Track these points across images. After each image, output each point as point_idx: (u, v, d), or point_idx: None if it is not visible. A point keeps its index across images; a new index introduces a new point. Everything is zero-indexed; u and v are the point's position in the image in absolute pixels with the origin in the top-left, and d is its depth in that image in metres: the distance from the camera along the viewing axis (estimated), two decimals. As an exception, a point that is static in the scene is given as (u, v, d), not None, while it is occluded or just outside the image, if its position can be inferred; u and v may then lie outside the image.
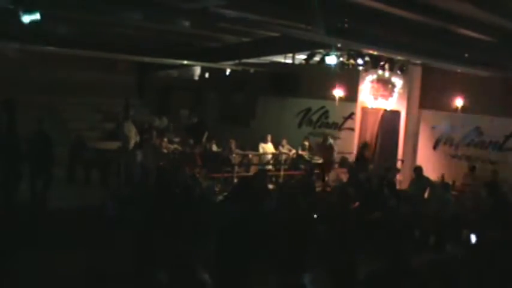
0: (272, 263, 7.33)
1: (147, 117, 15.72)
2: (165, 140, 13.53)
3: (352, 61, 12.91)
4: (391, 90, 13.93)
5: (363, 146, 13.41)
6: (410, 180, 11.82)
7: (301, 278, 6.64)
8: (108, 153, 12.17)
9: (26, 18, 7.47)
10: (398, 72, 13.48)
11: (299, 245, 7.48)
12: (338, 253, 7.49)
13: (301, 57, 15.63)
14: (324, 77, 13.89)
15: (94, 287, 6.53)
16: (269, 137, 14.41)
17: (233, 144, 14.01)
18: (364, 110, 14.49)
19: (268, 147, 14.39)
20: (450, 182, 11.36)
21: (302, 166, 13.26)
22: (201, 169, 11.56)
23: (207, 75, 19.41)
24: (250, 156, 14.38)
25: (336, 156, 13.66)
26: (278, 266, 7.17)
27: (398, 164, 13.50)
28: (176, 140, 14.19)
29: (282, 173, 13.55)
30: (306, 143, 14.45)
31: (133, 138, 12.91)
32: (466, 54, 10.36)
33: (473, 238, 8.49)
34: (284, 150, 14.43)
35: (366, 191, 9.98)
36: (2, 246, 7.08)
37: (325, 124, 15.71)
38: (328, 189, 11.34)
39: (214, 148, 13.83)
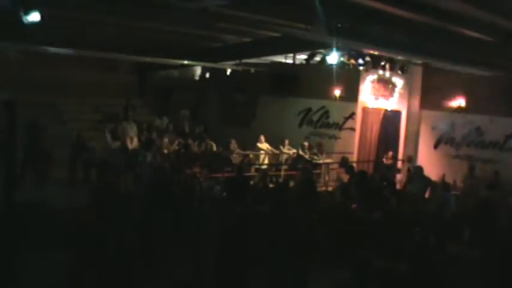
0: (273, 263, 7.34)
1: (147, 117, 15.71)
2: (166, 140, 13.53)
3: (352, 61, 12.91)
4: (392, 90, 13.95)
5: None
6: (407, 179, 11.86)
7: (302, 278, 6.66)
8: (108, 153, 12.16)
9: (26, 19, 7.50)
10: (399, 72, 13.48)
11: (300, 245, 7.48)
12: (340, 253, 7.50)
13: (301, 57, 15.62)
14: (325, 77, 13.90)
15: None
16: (262, 137, 14.49)
17: (234, 144, 14.01)
18: (365, 110, 14.50)
19: (264, 146, 14.42)
20: (451, 182, 11.37)
21: (302, 166, 13.26)
22: (201, 169, 11.56)
23: (207, 75, 19.41)
24: (250, 156, 14.39)
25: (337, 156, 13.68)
26: (279, 266, 7.17)
27: (399, 164, 13.51)
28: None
29: (282, 173, 13.56)
30: (306, 143, 14.45)
31: (132, 138, 12.89)
32: (467, 54, 10.37)
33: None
34: (285, 150, 14.44)
35: (366, 191, 9.98)
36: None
37: (326, 124, 15.71)
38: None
39: (215, 148, 13.83)
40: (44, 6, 7.76)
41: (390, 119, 14.13)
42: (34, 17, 7.58)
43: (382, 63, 13.39)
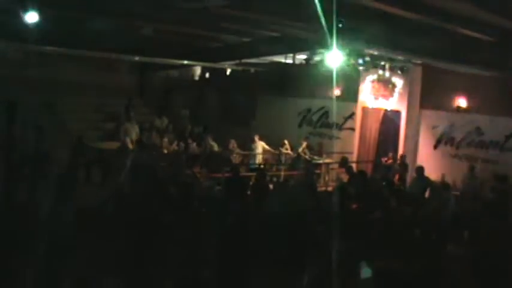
0: (272, 262, 7.33)
1: (147, 117, 15.73)
2: (165, 140, 13.53)
3: (352, 61, 12.90)
4: (392, 90, 13.93)
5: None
6: (410, 180, 11.83)
7: (302, 278, 6.65)
8: (109, 153, 12.17)
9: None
10: (399, 72, 13.48)
11: (299, 245, 7.47)
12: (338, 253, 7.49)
13: (301, 57, 15.63)
14: (325, 77, 13.89)
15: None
16: (257, 137, 14.48)
17: (233, 144, 14.00)
18: (365, 110, 14.50)
19: (261, 146, 14.42)
20: (451, 182, 11.36)
21: (302, 166, 13.26)
22: (201, 169, 11.57)
23: (207, 75, 19.42)
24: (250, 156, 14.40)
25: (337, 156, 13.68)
26: (278, 266, 7.17)
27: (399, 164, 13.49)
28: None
29: (282, 173, 13.56)
30: (305, 143, 14.44)
31: (134, 138, 12.91)
32: (467, 54, 10.36)
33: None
34: (285, 150, 14.44)
35: (366, 191, 9.97)
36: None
37: (326, 124, 15.71)
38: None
39: (215, 148, 13.83)
40: (44, 6, 7.77)
41: (390, 119, 14.13)
42: (34, 16, 7.59)
43: (382, 63, 13.38)
